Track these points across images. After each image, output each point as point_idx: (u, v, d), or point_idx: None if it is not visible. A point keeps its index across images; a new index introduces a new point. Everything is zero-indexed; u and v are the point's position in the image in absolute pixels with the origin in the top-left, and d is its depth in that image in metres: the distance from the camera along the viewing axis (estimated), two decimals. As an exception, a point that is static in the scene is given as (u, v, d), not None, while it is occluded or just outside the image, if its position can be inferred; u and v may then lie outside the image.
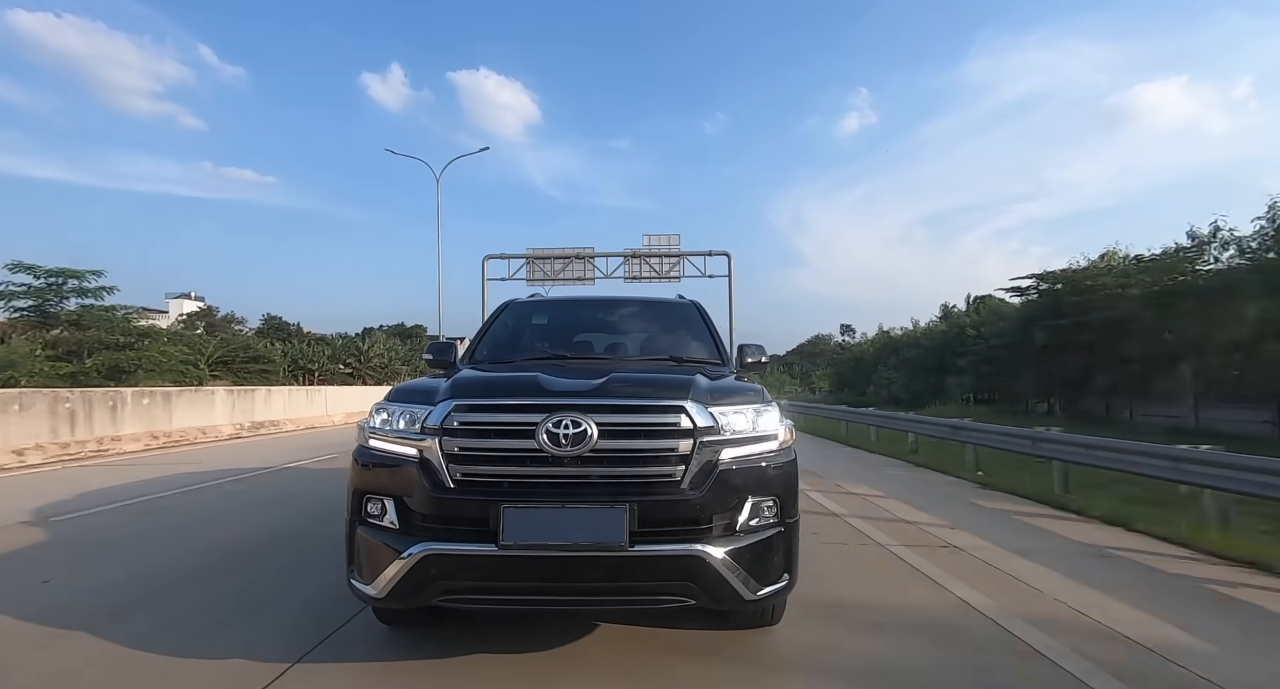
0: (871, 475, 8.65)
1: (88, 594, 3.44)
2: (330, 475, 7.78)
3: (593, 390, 2.51)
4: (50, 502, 6.03)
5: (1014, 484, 7.39)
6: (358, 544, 2.47)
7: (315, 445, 11.50)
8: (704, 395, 2.53)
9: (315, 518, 5.28)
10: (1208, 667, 2.64)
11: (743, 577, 2.32)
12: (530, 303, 4.38)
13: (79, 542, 4.61)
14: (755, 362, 3.64)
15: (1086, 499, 6.42)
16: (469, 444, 2.40)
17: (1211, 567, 4.27)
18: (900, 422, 12.71)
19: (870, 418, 14.86)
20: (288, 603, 3.29)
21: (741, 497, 2.41)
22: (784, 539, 2.48)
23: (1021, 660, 2.69)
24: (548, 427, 2.34)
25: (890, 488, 7.45)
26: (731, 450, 2.45)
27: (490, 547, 2.25)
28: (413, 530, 2.35)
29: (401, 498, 2.41)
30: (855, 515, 5.71)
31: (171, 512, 5.69)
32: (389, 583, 2.31)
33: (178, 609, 3.21)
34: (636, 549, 2.24)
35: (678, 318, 4.13)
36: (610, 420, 2.37)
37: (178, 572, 3.84)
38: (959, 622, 3.13)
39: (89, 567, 3.98)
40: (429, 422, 2.44)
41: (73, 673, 2.53)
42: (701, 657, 2.69)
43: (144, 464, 8.91)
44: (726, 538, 2.35)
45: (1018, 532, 5.27)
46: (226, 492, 6.76)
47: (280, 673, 2.48)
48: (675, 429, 2.41)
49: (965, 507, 6.40)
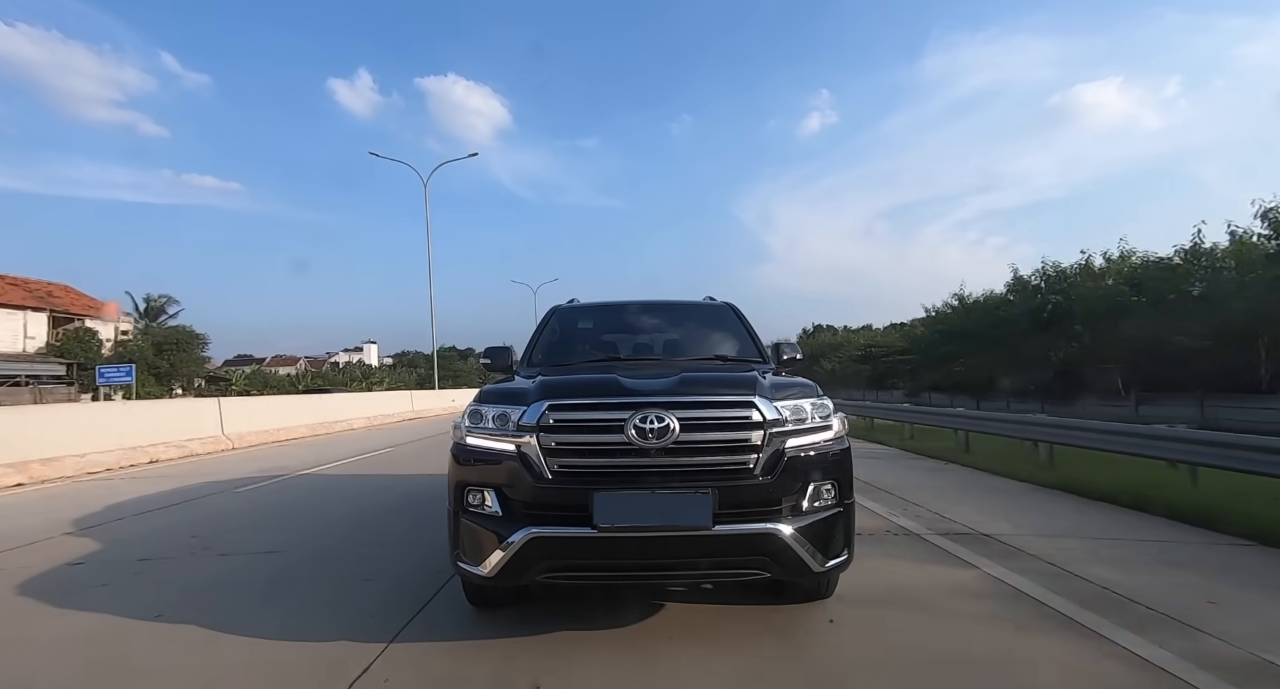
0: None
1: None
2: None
3: (671, 388, 2.78)
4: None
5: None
6: (463, 531, 2.72)
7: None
8: (768, 391, 2.82)
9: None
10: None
11: (811, 550, 2.61)
12: (575, 308, 4.64)
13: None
14: (791, 358, 3.94)
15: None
16: (564, 439, 2.67)
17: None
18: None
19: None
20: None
21: (806, 481, 2.70)
22: (844, 518, 2.78)
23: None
24: (635, 422, 2.61)
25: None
26: (795, 440, 2.74)
27: (587, 529, 2.51)
28: (515, 517, 2.61)
29: (502, 488, 2.66)
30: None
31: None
32: (497, 564, 2.57)
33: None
34: (719, 529, 2.52)
35: (716, 319, 4.41)
36: (690, 415, 2.65)
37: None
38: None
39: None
40: (524, 420, 2.70)
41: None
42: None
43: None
44: (795, 517, 2.64)
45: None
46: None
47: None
48: (748, 422, 2.69)
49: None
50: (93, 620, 3.17)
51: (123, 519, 5.62)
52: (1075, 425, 8.13)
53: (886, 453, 10.67)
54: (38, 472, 8.07)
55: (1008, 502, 6.10)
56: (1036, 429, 8.47)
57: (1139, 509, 5.56)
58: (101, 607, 3.34)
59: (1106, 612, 3.09)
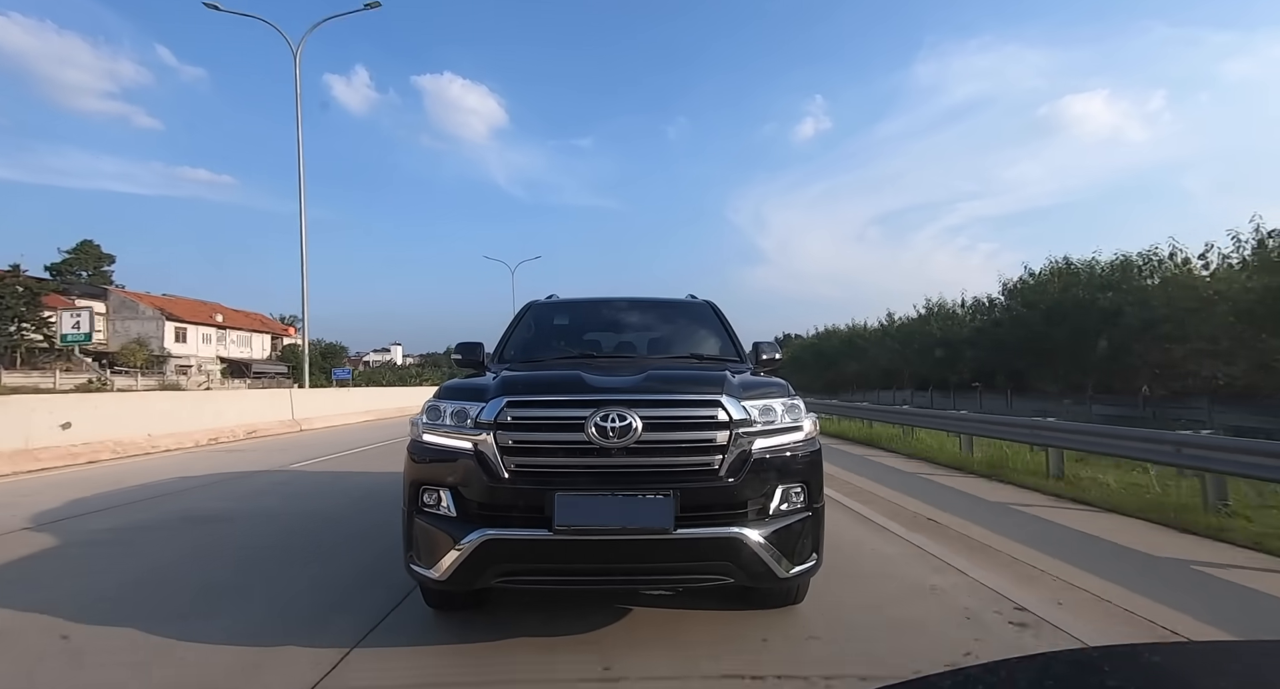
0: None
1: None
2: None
3: (635, 386, 2.69)
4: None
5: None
6: (416, 532, 2.63)
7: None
8: (736, 390, 2.72)
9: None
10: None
11: (776, 556, 2.52)
12: (551, 305, 4.54)
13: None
14: (770, 358, 3.83)
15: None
16: (522, 437, 2.58)
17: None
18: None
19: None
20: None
21: (773, 483, 2.60)
22: (812, 523, 2.69)
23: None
24: (596, 421, 2.51)
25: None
26: (763, 441, 2.65)
27: (544, 532, 2.42)
28: (470, 518, 2.52)
29: (457, 488, 2.57)
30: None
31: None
32: (450, 567, 2.47)
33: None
34: (681, 532, 2.42)
35: (694, 317, 4.32)
36: (653, 414, 2.56)
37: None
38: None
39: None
40: (482, 417, 2.61)
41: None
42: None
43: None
44: (761, 521, 2.55)
45: None
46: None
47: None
48: (713, 421, 2.60)
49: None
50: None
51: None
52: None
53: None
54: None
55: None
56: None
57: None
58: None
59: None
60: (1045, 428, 8.01)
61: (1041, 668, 0.62)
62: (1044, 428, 8.03)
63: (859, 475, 8.13)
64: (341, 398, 19.87)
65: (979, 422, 10.02)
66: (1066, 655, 0.63)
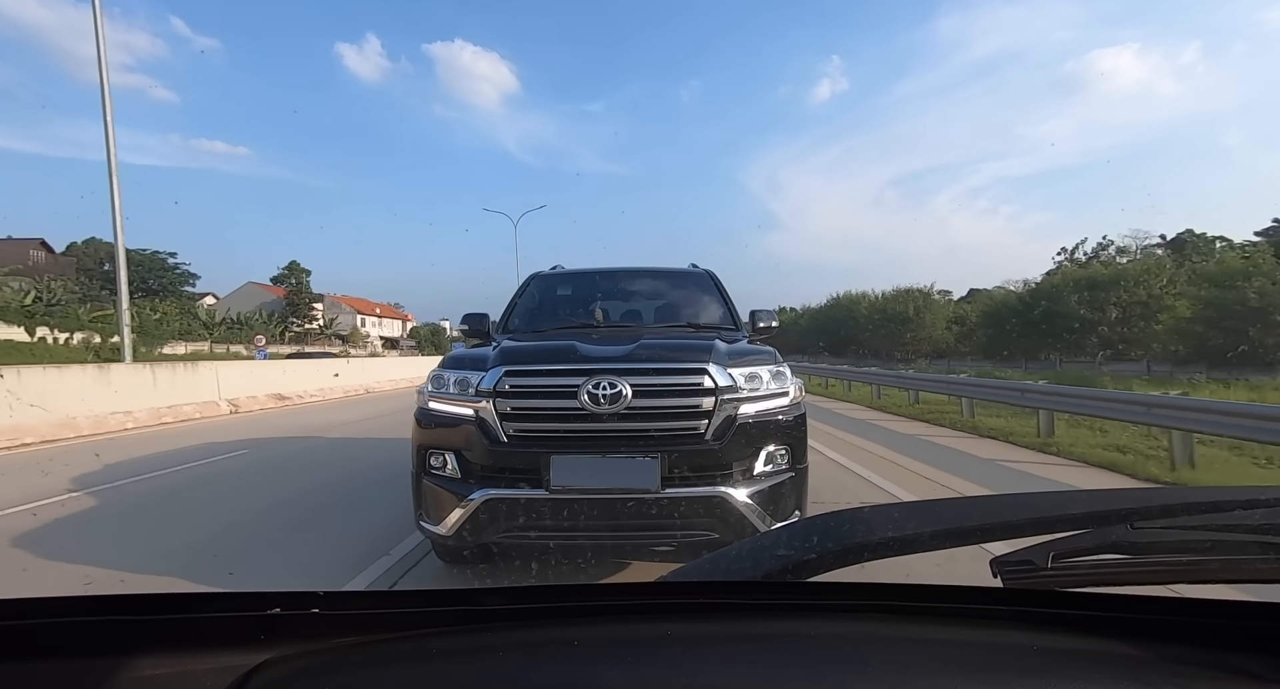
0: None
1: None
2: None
3: (625, 355, 2.83)
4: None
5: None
6: (424, 492, 2.82)
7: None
8: (723, 358, 2.86)
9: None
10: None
11: (760, 514, 2.69)
12: (554, 275, 4.65)
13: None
14: (766, 326, 3.95)
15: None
16: (520, 404, 2.74)
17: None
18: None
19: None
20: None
21: (758, 446, 2.77)
22: (795, 483, 2.86)
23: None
24: (588, 388, 2.67)
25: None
26: (749, 406, 2.80)
27: (541, 492, 2.60)
28: (473, 479, 2.70)
29: (461, 451, 2.75)
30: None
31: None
32: (455, 524, 2.67)
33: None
34: (668, 492, 2.60)
35: (693, 286, 4.42)
36: (642, 382, 2.71)
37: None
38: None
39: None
40: (482, 385, 2.76)
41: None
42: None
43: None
44: (746, 481, 2.72)
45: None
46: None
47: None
48: (699, 388, 2.75)
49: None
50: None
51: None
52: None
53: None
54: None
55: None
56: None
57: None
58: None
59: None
60: (1032, 391, 8.23)
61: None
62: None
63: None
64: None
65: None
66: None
